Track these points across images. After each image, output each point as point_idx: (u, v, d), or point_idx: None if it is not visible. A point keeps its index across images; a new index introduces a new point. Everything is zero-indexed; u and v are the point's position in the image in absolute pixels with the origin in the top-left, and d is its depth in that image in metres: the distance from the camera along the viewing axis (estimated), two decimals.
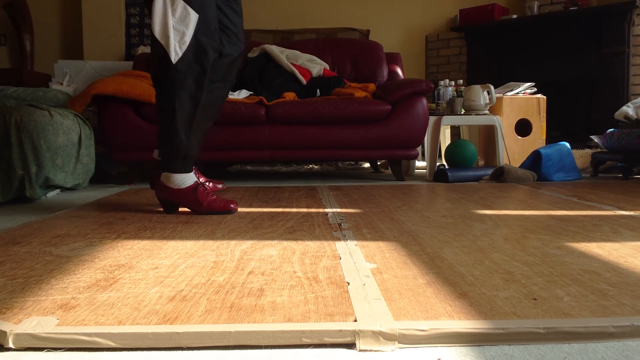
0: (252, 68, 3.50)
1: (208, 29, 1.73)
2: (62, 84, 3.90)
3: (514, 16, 4.78)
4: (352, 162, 4.37)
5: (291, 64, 3.49)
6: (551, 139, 3.93)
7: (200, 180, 1.88)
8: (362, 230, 1.48)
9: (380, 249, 1.25)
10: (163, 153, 1.80)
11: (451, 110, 3.28)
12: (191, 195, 1.78)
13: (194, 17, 1.68)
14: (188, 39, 1.69)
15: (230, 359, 0.70)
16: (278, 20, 5.11)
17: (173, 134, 1.75)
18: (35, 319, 0.78)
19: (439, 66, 5.34)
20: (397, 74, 3.70)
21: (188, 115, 1.75)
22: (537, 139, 3.49)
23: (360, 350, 0.72)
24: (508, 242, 1.31)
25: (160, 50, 1.70)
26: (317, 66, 3.56)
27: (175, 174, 1.78)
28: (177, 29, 1.68)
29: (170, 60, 1.69)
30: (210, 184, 2.23)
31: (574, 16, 4.45)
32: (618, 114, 3.28)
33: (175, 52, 1.69)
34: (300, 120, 2.92)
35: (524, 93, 3.55)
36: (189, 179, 1.79)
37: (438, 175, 2.98)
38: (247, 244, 1.30)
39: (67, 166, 2.46)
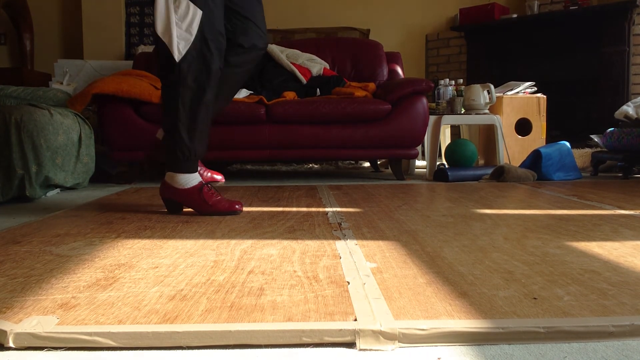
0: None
1: (213, 26, 1.68)
2: (62, 83, 3.90)
3: (514, 15, 4.78)
4: (352, 162, 4.37)
5: (291, 63, 3.49)
6: (551, 138, 3.93)
7: (200, 171, 1.89)
8: (362, 229, 1.48)
9: (380, 248, 1.25)
10: (167, 152, 1.77)
11: (451, 110, 3.28)
12: (196, 195, 1.75)
13: (197, 13, 1.64)
14: (192, 36, 1.64)
15: (230, 359, 0.70)
16: (278, 20, 5.11)
17: (177, 135, 1.71)
18: (36, 318, 0.78)
19: (439, 65, 5.34)
20: (397, 73, 3.70)
21: (191, 116, 1.71)
22: (537, 138, 3.49)
23: (360, 350, 0.72)
24: (508, 242, 1.31)
25: (164, 49, 1.66)
26: (317, 65, 3.56)
27: (180, 174, 1.76)
28: (180, 26, 1.64)
29: (174, 59, 1.65)
30: (209, 173, 2.25)
31: (574, 15, 4.45)
32: (618, 113, 3.28)
33: (179, 50, 1.64)
34: (301, 120, 2.92)
35: (524, 92, 3.55)
36: (193, 179, 1.76)
37: (438, 175, 2.98)
38: (247, 243, 1.30)
39: (67, 165, 2.46)
